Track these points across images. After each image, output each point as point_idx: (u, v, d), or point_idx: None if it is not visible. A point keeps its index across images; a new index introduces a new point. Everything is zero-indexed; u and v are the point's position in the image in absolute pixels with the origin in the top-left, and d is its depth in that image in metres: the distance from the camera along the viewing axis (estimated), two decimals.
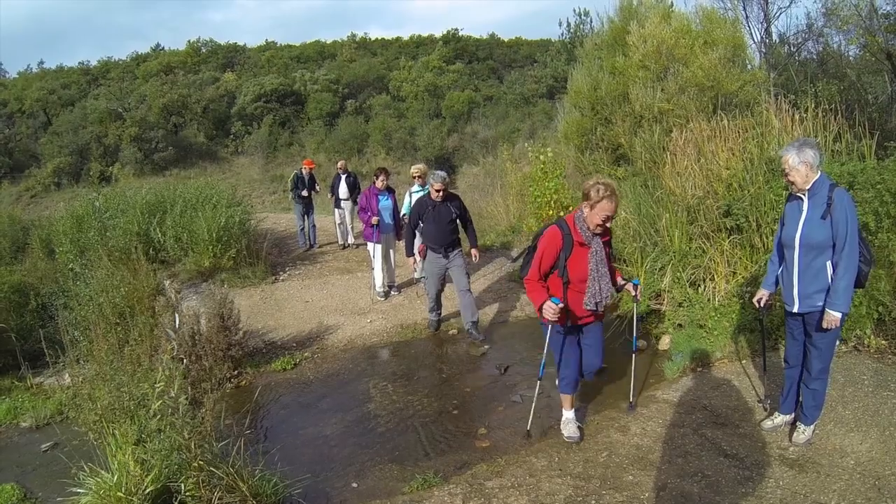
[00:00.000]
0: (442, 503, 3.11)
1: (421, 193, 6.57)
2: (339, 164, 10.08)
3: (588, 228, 3.28)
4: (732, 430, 3.54)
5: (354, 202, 9.22)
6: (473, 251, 5.88)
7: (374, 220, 6.74)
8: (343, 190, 9.58)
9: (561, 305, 3.26)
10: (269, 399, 4.93)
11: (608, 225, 3.29)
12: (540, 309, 3.30)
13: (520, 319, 6.30)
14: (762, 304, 3.47)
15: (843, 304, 2.96)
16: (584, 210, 3.27)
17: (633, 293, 3.71)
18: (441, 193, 5.53)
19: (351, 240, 9.81)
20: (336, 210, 9.87)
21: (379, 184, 6.95)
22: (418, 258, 6.18)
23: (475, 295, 6.75)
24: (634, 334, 4.08)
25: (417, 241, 5.97)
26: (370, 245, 7.01)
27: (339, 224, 9.96)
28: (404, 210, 7.05)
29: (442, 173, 5.59)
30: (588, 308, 3.37)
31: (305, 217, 9.75)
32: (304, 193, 9.63)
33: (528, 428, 3.85)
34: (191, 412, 3.33)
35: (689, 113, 7.10)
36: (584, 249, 3.32)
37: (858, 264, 2.98)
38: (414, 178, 6.96)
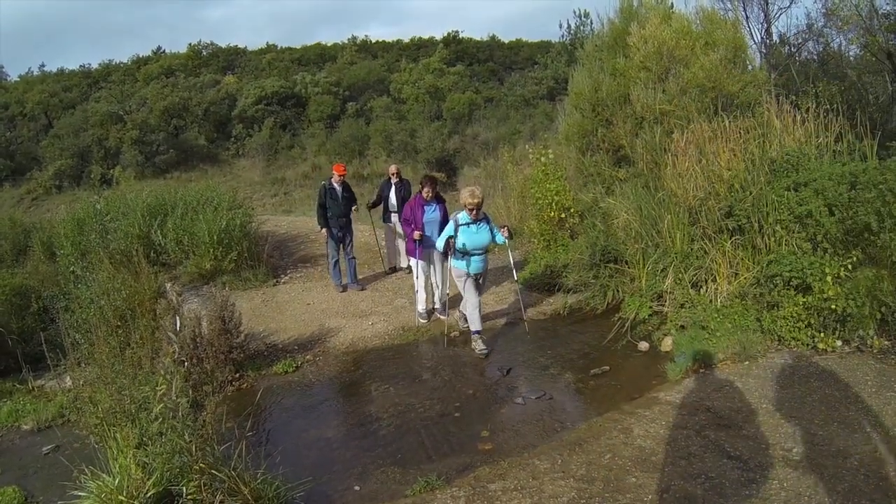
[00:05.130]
0: None
1: (472, 226, 5.31)
2: (391, 169, 8.12)
3: None
4: (735, 431, 3.53)
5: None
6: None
7: (417, 234, 5.99)
8: (394, 200, 7.89)
9: None
10: (271, 402, 4.92)
11: None
12: None
13: (522, 323, 6.27)
14: None
15: None
16: None
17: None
18: None
19: (403, 263, 8.12)
20: (385, 225, 8.27)
21: (425, 194, 6.18)
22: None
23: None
24: None
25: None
26: (412, 261, 6.40)
27: (385, 243, 8.56)
28: (440, 243, 5.57)
29: None
30: None
31: (342, 246, 7.54)
32: (343, 213, 7.38)
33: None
34: (192, 415, 3.33)
35: (691, 114, 7.08)
36: None
37: None
38: (468, 208, 5.26)
